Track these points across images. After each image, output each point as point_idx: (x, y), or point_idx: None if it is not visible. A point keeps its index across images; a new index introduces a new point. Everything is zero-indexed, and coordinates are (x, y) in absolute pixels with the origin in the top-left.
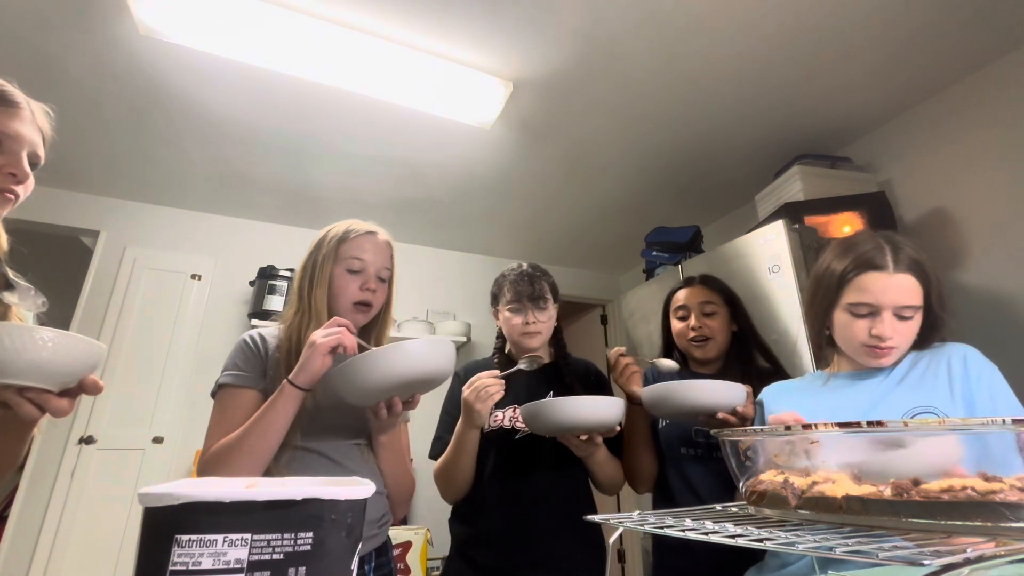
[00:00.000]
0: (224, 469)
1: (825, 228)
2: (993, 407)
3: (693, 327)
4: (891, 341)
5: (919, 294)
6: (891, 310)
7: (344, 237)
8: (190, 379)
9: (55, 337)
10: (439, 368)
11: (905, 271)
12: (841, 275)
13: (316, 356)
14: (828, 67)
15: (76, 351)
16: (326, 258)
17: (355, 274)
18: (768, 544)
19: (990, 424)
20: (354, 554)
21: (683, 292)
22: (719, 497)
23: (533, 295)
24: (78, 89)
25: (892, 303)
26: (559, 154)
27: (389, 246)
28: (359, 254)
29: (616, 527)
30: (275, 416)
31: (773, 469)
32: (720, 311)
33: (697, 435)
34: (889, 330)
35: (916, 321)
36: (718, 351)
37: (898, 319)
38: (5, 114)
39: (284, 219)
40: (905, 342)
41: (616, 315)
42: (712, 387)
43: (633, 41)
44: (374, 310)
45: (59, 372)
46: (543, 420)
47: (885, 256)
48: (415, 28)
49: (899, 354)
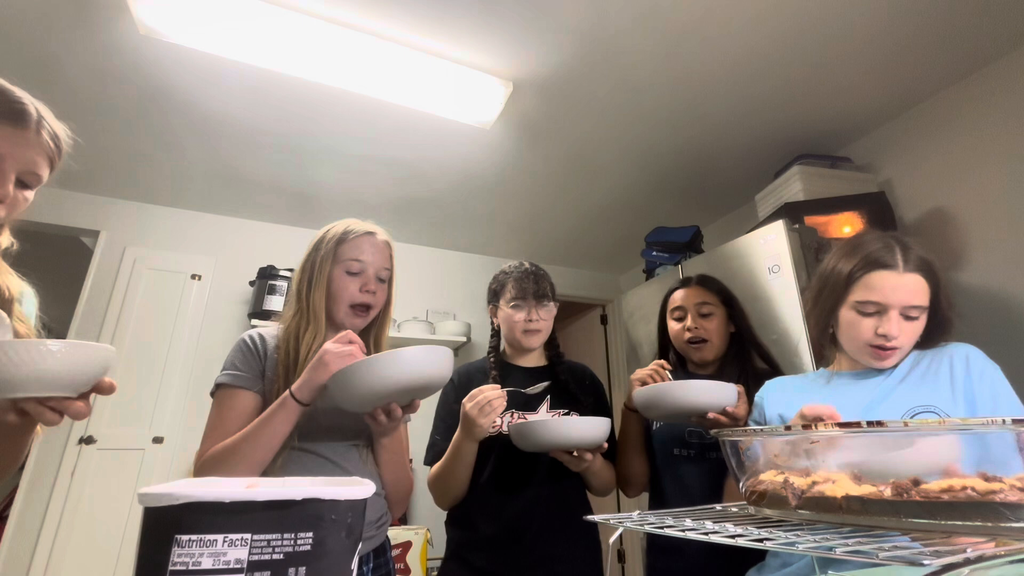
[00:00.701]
0: (221, 474)
1: (825, 228)
2: (994, 407)
3: (689, 328)
4: (896, 341)
5: (927, 295)
6: (898, 309)
7: (343, 238)
8: (190, 379)
9: (66, 348)
10: (435, 375)
11: (915, 271)
12: (850, 273)
13: (324, 373)
14: (828, 67)
15: (87, 358)
16: (324, 259)
17: (354, 276)
18: (768, 544)
19: (990, 424)
20: (354, 554)
21: (680, 293)
22: (711, 497)
23: (537, 292)
24: (78, 89)
25: (900, 302)
26: (559, 154)
27: (388, 246)
28: (358, 255)
29: (616, 527)
30: (274, 429)
31: (773, 469)
32: (717, 312)
33: (690, 436)
34: (896, 329)
35: (921, 322)
36: (715, 354)
37: (905, 319)
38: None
39: (284, 219)
40: (909, 343)
41: (616, 315)
42: (703, 387)
43: (633, 41)
44: (373, 312)
45: (76, 379)
46: (532, 440)
47: (895, 255)
48: (415, 28)
49: (901, 355)
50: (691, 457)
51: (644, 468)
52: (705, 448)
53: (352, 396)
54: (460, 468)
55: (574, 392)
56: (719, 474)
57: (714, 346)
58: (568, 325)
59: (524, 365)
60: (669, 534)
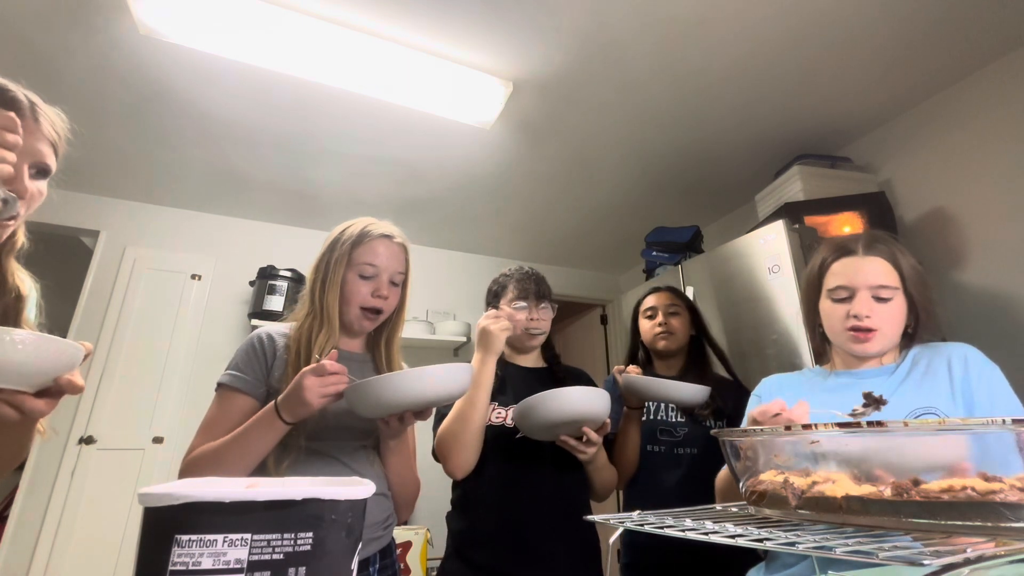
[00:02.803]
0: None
1: (825, 228)
2: (992, 407)
3: (660, 324)
4: (870, 321)
5: (894, 276)
6: (866, 290)
7: (359, 240)
8: (190, 379)
9: (28, 338)
10: (454, 392)
11: (876, 255)
12: (820, 265)
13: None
14: (828, 67)
15: (50, 352)
16: (339, 261)
17: (367, 279)
18: (768, 544)
19: (990, 424)
20: (354, 554)
21: (652, 297)
22: (681, 488)
23: (539, 293)
24: (78, 89)
25: (866, 283)
26: (559, 154)
27: (404, 250)
28: (372, 259)
29: (616, 527)
30: (257, 443)
31: (773, 469)
32: (682, 313)
33: (662, 433)
34: (866, 308)
35: (896, 305)
36: (678, 344)
37: (876, 300)
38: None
39: (284, 219)
40: (888, 326)
41: (616, 315)
42: (677, 386)
43: (633, 41)
44: (384, 316)
45: (32, 373)
46: (538, 415)
47: (857, 243)
48: (415, 28)
49: (884, 340)
50: (662, 452)
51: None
52: (674, 444)
53: (370, 407)
54: (480, 394)
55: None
56: (688, 468)
57: (678, 339)
58: (568, 325)
59: (523, 365)
60: (669, 534)
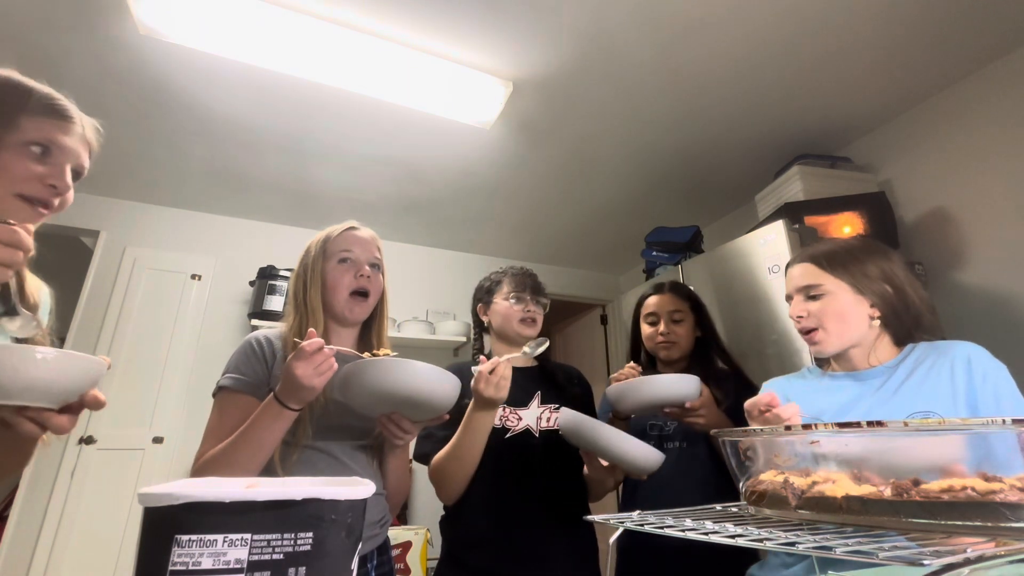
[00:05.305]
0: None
1: (825, 228)
2: (997, 408)
3: (662, 333)
4: (807, 320)
5: (818, 275)
6: (796, 293)
7: (327, 238)
8: (190, 379)
9: (55, 356)
10: (443, 395)
11: (800, 262)
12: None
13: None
14: (828, 67)
15: (76, 369)
16: (316, 259)
17: (346, 264)
18: (768, 544)
19: (990, 424)
20: (354, 554)
21: (653, 299)
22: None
23: (535, 288)
24: (78, 89)
25: (794, 287)
26: (559, 154)
27: (373, 238)
28: (346, 246)
29: (616, 527)
30: (265, 435)
31: (773, 469)
32: (687, 318)
33: (651, 429)
34: (799, 309)
35: (833, 300)
36: (681, 353)
37: (808, 299)
38: (58, 127)
39: (284, 219)
40: (830, 322)
41: (616, 315)
42: (668, 381)
43: (633, 41)
44: (372, 298)
45: (59, 390)
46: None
47: (795, 256)
48: (415, 28)
49: (836, 340)
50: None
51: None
52: (662, 439)
53: (360, 391)
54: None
55: (563, 385)
56: (676, 462)
57: (681, 348)
58: (568, 325)
59: (515, 365)
60: (669, 534)
